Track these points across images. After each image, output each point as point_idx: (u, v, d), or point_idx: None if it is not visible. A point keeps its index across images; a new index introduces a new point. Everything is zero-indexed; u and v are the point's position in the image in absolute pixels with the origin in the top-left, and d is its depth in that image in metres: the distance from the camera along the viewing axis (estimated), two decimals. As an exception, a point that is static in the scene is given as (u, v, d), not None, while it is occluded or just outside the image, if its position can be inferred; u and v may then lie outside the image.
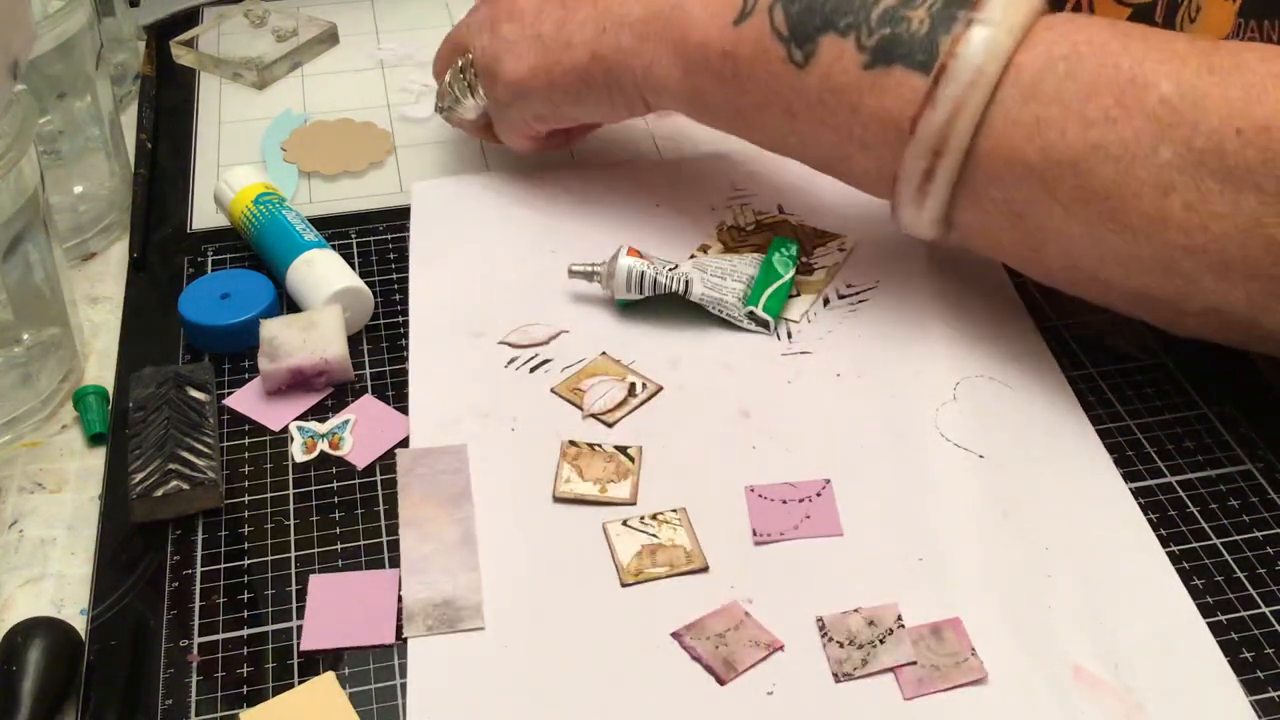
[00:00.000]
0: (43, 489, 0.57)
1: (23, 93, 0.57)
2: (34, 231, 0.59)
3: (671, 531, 0.52)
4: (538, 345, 0.61)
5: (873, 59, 0.54)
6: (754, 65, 0.57)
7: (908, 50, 0.53)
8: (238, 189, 0.67)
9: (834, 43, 0.55)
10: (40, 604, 0.52)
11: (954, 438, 0.55)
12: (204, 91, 0.83)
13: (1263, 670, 0.47)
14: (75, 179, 0.72)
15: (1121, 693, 0.46)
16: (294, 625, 0.49)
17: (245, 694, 0.47)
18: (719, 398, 0.58)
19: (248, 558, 0.52)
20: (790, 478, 0.54)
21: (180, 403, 0.57)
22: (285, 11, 0.88)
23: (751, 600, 0.49)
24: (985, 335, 0.61)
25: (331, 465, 0.56)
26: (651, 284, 0.61)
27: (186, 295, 0.62)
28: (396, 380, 0.60)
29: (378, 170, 0.75)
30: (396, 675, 0.47)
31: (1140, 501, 0.53)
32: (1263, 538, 0.52)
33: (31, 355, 0.60)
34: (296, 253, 0.63)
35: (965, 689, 0.46)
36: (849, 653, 0.47)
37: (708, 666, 0.47)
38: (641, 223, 0.69)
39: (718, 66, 0.59)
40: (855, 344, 0.61)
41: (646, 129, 0.78)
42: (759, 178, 0.72)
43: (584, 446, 0.56)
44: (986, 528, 0.52)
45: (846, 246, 0.67)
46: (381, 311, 0.64)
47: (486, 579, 0.50)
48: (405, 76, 0.84)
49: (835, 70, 0.55)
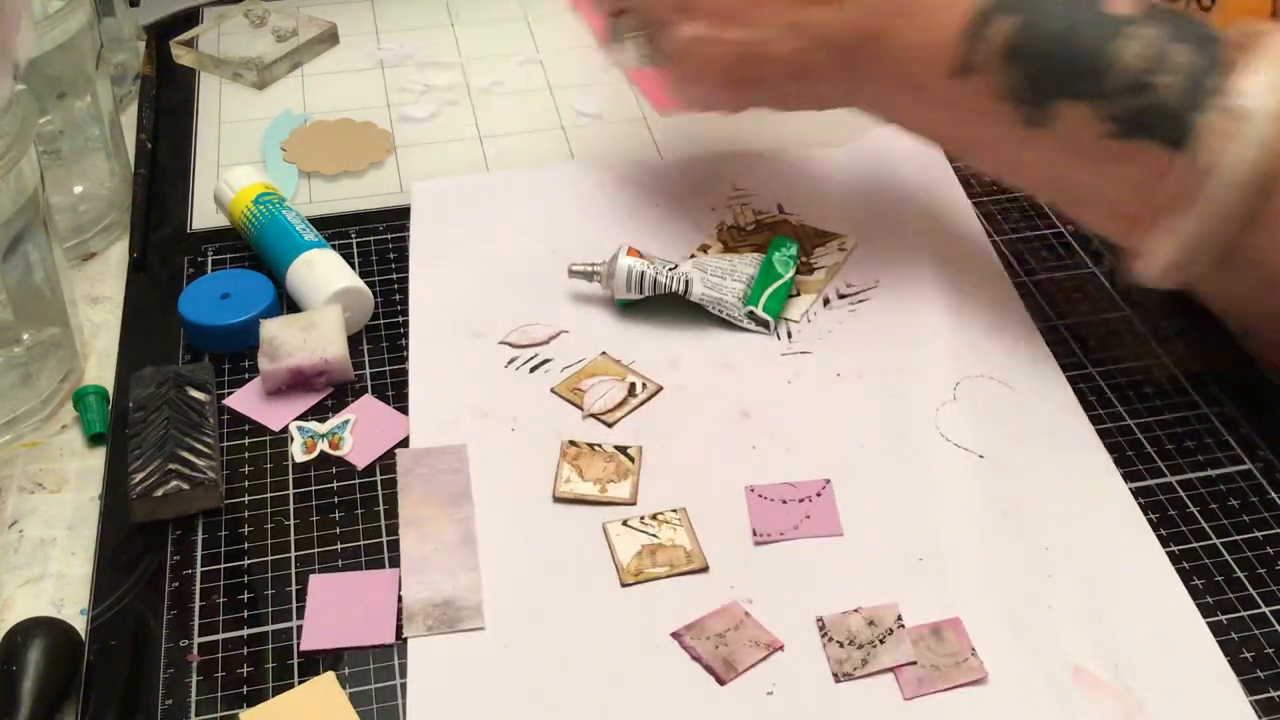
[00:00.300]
0: (43, 489, 0.57)
1: (23, 93, 0.57)
2: (34, 231, 0.59)
3: (671, 531, 0.52)
4: (538, 345, 0.61)
5: (1119, 130, 0.50)
6: (979, 121, 0.53)
7: (1159, 124, 0.49)
8: (238, 189, 0.67)
9: (1073, 108, 0.51)
10: (40, 604, 0.52)
11: (954, 438, 0.55)
12: (204, 91, 0.83)
13: (1263, 670, 0.47)
14: (75, 179, 0.72)
15: (1121, 693, 0.46)
16: (294, 625, 0.49)
17: (245, 694, 0.47)
18: (719, 398, 0.58)
19: (248, 558, 0.52)
20: (790, 478, 0.54)
21: (180, 403, 0.57)
22: (285, 11, 0.88)
23: (751, 600, 0.49)
24: (985, 335, 0.61)
25: (331, 465, 0.56)
26: (651, 284, 0.61)
27: (186, 295, 0.62)
28: (396, 380, 0.60)
29: (378, 170, 0.75)
30: (396, 675, 0.47)
31: (1140, 501, 0.53)
32: (1263, 538, 0.52)
33: (31, 355, 0.60)
34: (296, 253, 0.63)
35: (965, 689, 0.46)
36: (849, 653, 0.47)
37: (708, 666, 0.47)
38: (641, 223, 0.69)
39: (929, 115, 0.55)
40: (855, 344, 0.61)
41: (646, 129, 0.78)
42: (759, 178, 0.72)
43: (584, 446, 0.56)
44: (986, 528, 0.52)
45: (846, 246, 0.67)
46: (381, 311, 0.64)
47: (486, 579, 0.50)
48: (405, 76, 0.84)
49: (1075, 137, 0.51)
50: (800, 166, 0.73)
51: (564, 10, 0.81)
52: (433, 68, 0.84)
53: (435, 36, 0.88)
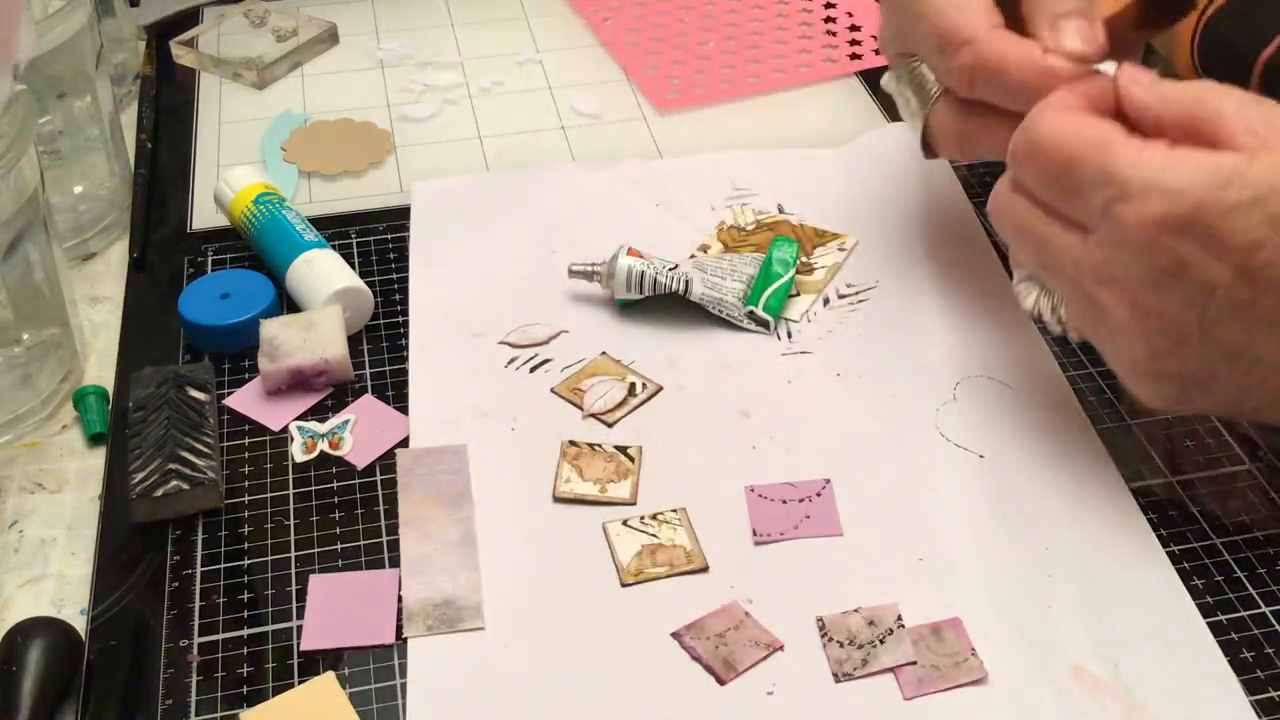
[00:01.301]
0: (43, 489, 0.57)
1: (23, 93, 0.57)
2: (34, 231, 0.59)
3: (671, 531, 0.52)
4: (538, 345, 0.61)
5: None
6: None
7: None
8: (238, 189, 0.67)
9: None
10: (40, 604, 0.52)
11: (954, 438, 0.55)
12: (204, 91, 0.83)
13: (1263, 670, 0.47)
14: (75, 179, 0.72)
15: (1121, 693, 0.46)
16: (294, 625, 0.49)
17: (245, 694, 0.47)
18: (719, 398, 0.58)
19: (248, 558, 0.52)
20: (790, 478, 0.54)
21: (180, 403, 0.57)
22: (285, 11, 0.88)
23: (751, 600, 0.49)
24: (985, 335, 0.61)
25: (331, 465, 0.56)
26: (651, 284, 0.61)
27: (186, 295, 0.62)
28: (396, 380, 0.60)
29: (378, 170, 0.75)
30: (396, 675, 0.47)
31: (1140, 501, 0.53)
32: (1263, 538, 0.52)
33: (31, 355, 0.60)
34: (296, 253, 0.63)
35: (965, 689, 0.46)
36: (849, 653, 0.47)
37: (708, 666, 0.47)
38: (641, 223, 0.69)
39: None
40: (855, 344, 0.61)
41: (646, 128, 0.78)
42: (759, 178, 0.72)
43: (584, 446, 0.56)
44: (986, 528, 0.52)
45: (846, 246, 0.67)
46: (381, 311, 0.64)
47: (486, 579, 0.50)
48: (405, 76, 0.84)
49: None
50: (800, 166, 0.73)
51: (564, 10, 0.81)
52: (433, 68, 0.84)
53: (435, 36, 0.88)
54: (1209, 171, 0.43)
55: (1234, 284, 0.44)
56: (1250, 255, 0.43)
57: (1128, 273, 0.46)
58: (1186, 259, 0.44)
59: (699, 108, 0.80)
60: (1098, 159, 0.45)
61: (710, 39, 0.86)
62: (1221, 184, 0.43)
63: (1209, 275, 0.44)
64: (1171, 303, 0.45)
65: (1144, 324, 0.47)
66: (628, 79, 0.82)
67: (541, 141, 0.77)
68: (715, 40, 0.86)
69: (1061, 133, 0.47)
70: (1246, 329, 0.45)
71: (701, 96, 0.80)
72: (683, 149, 0.75)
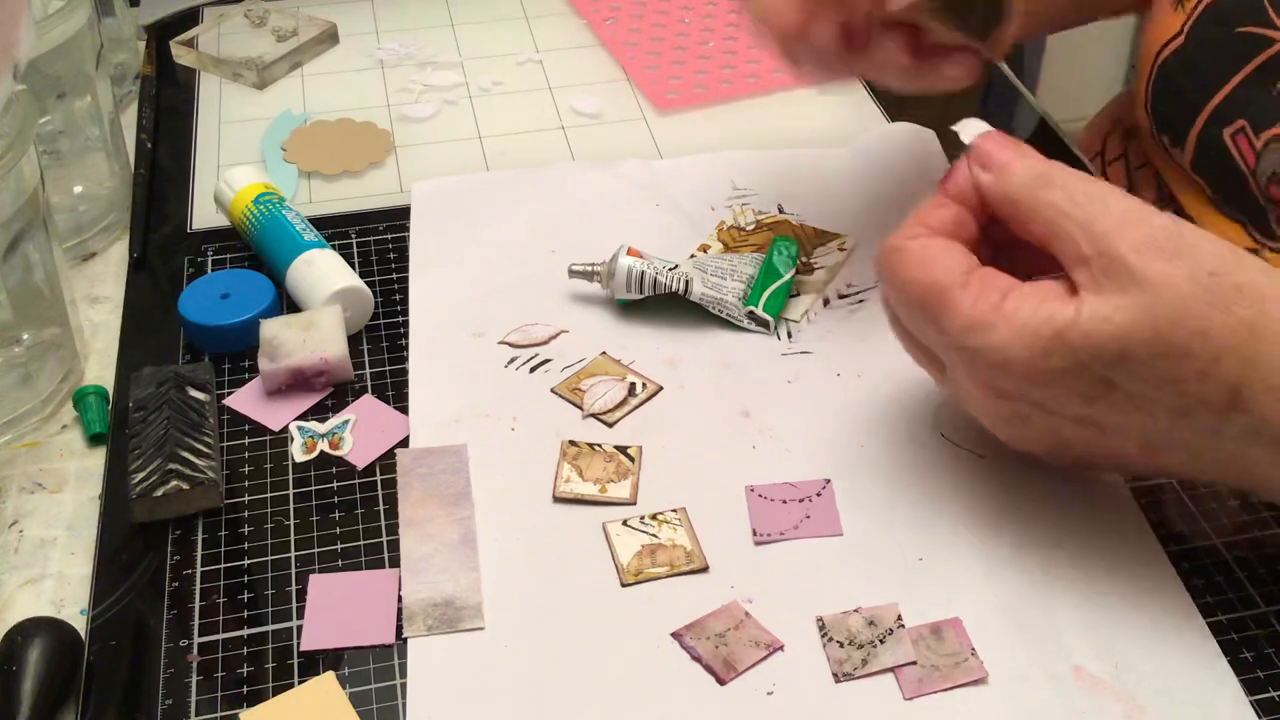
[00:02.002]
0: (43, 489, 0.57)
1: (23, 93, 0.57)
2: (34, 231, 0.59)
3: (671, 531, 0.52)
4: (538, 345, 0.61)
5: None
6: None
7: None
8: (238, 189, 0.67)
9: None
10: (40, 604, 0.52)
11: (954, 438, 0.55)
12: (204, 91, 0.83)
13: (1263, 670, 0.47)
14: (75, 179, 0.72)
15: (1121, 693, 0.46)
16: (294, 625, 0.49)
17: (245, 694, 0.47)
18: (719, 398, 0.58)
19: (248, 558, 0.52)
20: (790, 478, 0.54)
21: (180, 403, 0.56)
22: (285, 11, 0.88)
23: (751, 600, 0.49)
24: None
25: (331, 465, 0.56)
26: (651, 284, 0.61)
27: (186, 295, 0.62)
28: (396, 380, 0.60)
29: (378, 170, 0.75)
30: (396, 675, 0.47)
31: (1141, 502, 0.53)
32: (1263, 538, 0.52)
33: (31, 355, 0.60)
34: (296, 253, 0.63)
35: (965, 689, 0.46)
36: (849, 653, 0.47)
37: (708, 666, 0.47)
38: (641, 223, 0.69)
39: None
40: (855, 344, 0.61)
41: (646, 128, 0.78)
42: (759, 178, 0.72)
43: (584, 446, 0.56)
44: (986, 528, 0.52)
45: (846, 246, 0.67)
46: (381, 311, 0.64)
47: (486, 579, 0.50)
48: (405, 76, 0.84)
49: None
50: (800, 166, 0.73)
51: (564, 10, 0.81)
52: (433, 68, 0.84)
53: (435, 36, 0.88)
54: (1029, 340, 0.44)
55: (1076, 424, 0.46)
56: (1086, 406, 0.45)
57: (977, 408, 0.49)
58: (1023, 412, 0.47)
59: (699, 108, 0.80)
60: (934, 309, 0.47)
61: (710, 39, 0.86)
62: (1043, 352, 0.44)
63: (1049, 420, 0.47)
64: (1018, 430, 0.49)
65: (998, 427, 0.50)
66: (628, 79, 0.83)
67: (541, 141, 0.77)
68: (715, 40, 0.86)
69: (905, 274, 0.48)
70: (1099, 441, 0.47)
71: (701, 96, 0.80)
72: (683, 149, 0.75)
